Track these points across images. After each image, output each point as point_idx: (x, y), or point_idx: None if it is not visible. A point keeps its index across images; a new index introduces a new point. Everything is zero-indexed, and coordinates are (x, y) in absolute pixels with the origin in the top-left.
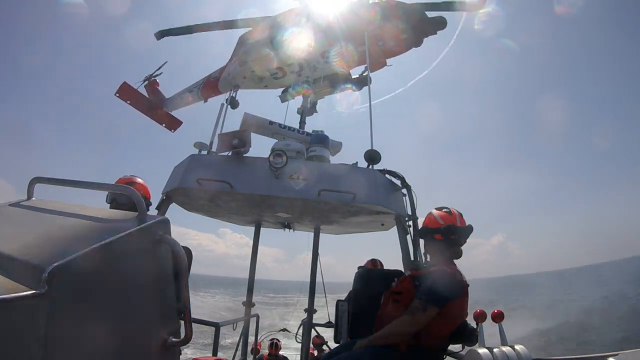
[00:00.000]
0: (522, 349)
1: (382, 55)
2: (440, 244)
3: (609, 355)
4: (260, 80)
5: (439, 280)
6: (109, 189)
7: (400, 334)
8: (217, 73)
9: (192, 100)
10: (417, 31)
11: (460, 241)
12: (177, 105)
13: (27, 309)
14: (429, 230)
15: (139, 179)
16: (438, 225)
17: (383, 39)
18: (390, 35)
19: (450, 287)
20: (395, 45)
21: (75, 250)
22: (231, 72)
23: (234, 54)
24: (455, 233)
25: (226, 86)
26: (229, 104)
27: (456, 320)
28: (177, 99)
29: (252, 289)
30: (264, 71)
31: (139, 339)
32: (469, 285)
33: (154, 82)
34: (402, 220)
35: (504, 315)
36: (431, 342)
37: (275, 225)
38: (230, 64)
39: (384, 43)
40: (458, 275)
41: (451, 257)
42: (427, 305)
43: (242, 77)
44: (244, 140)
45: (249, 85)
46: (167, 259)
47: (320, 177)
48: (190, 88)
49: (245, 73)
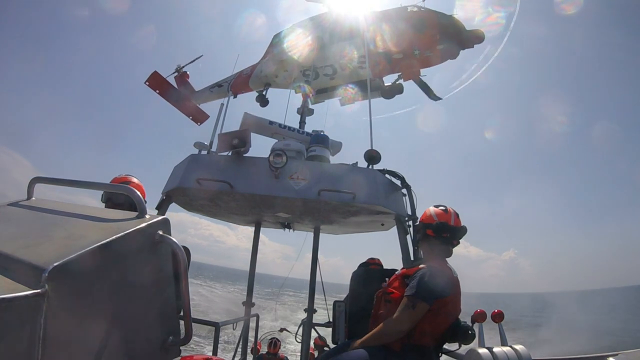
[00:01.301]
0: (522, 349)
1: (417, 64)
2: (431, 240)
3: (609, 355)
4: (292, 80)
5: (428, 277)
6: (108, 188)
7: (392, 332)
8: (249, 70)
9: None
10: (454, 43)
11: (452, 240)
12: (206, 99)
13: (27, 308)
14: (422, 226)
15: (134, 178)
16: (431, 222)
17: (419, 48)
18: (427, 45)
19: (440, 283)
20: (431, 55)
21: (75, 250)
22: (264, 70)
23: (267, 52)
24: (448, 231)
25: (257, 84)
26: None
27: (449, 318)
28: (206, 93)
29: (252, 289)
30: (297, 71)
31: (139, 338)
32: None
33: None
34: (402, 220)
35: (504, 315)
36: (425, 340)
37: (275, 225)
38: (263, 62)
39: (420, 53)
40: (447, 272)
41: (441, 254)
42: (416, 302)
43: (275, 76)
44: (244, 140)
45: (281, 84)
46: (167, 259)
47: (320, 177)
48: (220, 82)
49: (278, 72)
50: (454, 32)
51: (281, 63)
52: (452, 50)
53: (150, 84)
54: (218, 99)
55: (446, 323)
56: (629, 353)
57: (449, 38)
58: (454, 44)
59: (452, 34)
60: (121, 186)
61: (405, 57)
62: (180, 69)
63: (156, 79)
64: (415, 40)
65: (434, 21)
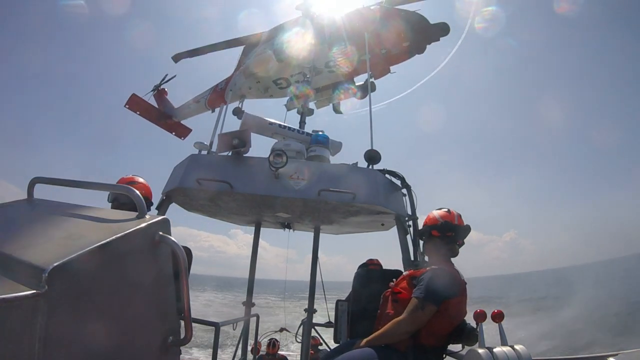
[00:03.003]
0: (522, 349)
1: (386, 62)
2: (437, 240)
3: (608, 355)
4: (265, 90)
5: (436, 279)
6: (109, 189)
7: (399, 333)
8: (223, 83)
9: (200, 110)
10: (419, 38)
11: (457, 239)
12: (185, 115)
13: (27, 308)
14: (427, 228)
15: (140, 178)
16: (435, 222)
17: (385, 46)
18: (393, 43)
19: (448, 285)
20: (398, 52)
21: (75, 250)
22: (237, 83)
23: (239, 64)
24: (453, 230)
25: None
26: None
27: (455, 320)
28: (185, 109)
29: (252, 289)
30: (269, 81)
31: (139, 338)
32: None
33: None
34: (402, 220)
35: (504, 315)
36: (430, 341)
37: (275, 225)
38: (236, 75)
39: (387, 51)
40: (456, 274)
41: (448, 254)
42: (425, 304)
43: (248, 88)
44: (244, 140)
45: (255, 95)
46: (167, 259)
47: (320, 177)
48: (197, 98)
49: (250, 83)
50: (419, 27)
51: (252, 75)
52: (418, 45)
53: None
54: (198, 113)
55: (452, 324)
56: (629, 353)
57: (414, 34)
58: (420, 39)
59: (416, 29)
60: (121, 186)
61: (373, 56)
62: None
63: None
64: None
65: (398, 19)
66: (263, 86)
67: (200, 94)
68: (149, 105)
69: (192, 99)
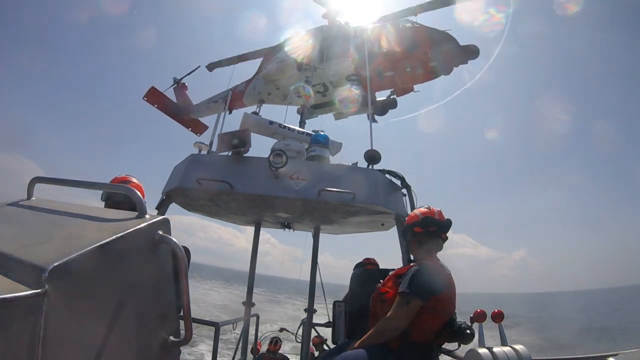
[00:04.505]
0: (522, 349)
1: (410, 81)
2: (421, 236)
3: (609, 355)
4: (284, 98)
5: (420, 274)
6: (108, 188)
7: (388, 330)
8: (243, 86)
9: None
10: (446, 59)
11: (440, 233)
12: (202, 113)
13: (27, 308)
14: (409, 226)
15: (134, 178)
16: (416, 219)
17: (411, 65)
18: (419, 63)
19: (433, 279)
20: (423, 72)
21: (75, 250)
22: (257, 87)
23: (260, 68)
24: (434, 225)
25: (251, 100)
26: None
27: (444, 315)
28: (202, 107)
29: (252, 289)
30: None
31: (139, 338)
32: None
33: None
34: (402, 220)
35: (504, 315)
36: (422, 338)
37: (275, 225)
38: (256, 79)
39: (412, 69)
40: (440, 269)
41: (433, 249)
42: (410, 299)
43: (267, 93)
44: (244, 140)
45: (274, 101)
46: (167, 259)
47: (320, 177)
48: (215, 98)
49: (270, 89)
50: (447, 49)
51: (272, 81)
52: (444, 67)
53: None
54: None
55: (442, 320)
56: (629, 353)
57: (441, 55)
58: (447, 60)
59: (444, 51)
60: (122, 186)
61: (397, 73)
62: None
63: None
64: (406, 57)
65: (426, 39)
66: (282, 93)
67: (218, 94)
68: (167, 99)
69: (209, 98)
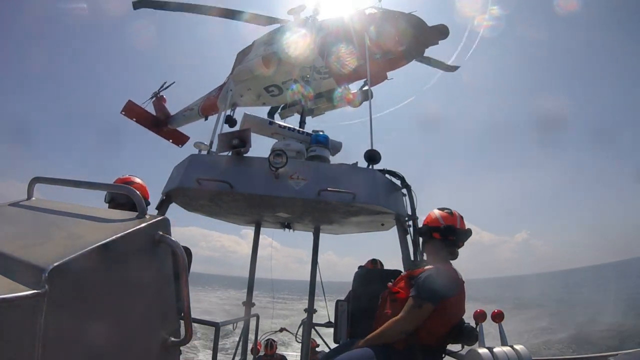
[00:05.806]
0: (522, 349)
1: (382, 68)
2: (438, 243)
3: (609, 355)
4: (257, 98)
5: (434, 278)
6: (109, 189)
7: (396, 332)
8: (217, 91)
9: (193, 118)
10: (416, 41)
11: (458, 243)
12: (180, 123)
13: (27, 308)
14: (428, 229)
15: (137, 178)
16: (438, 225)
17: (381, 51)
18: (388, 47)
19: (446, 284)
20: (394, 57)
21: (75, 250)
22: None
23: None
24: (454, 234)
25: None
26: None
27: (453, 319)
28: (179, 117)
29: (252, 289)
30: (260, 88)
31: (139, 339)
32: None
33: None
34: (402, 220)
35: (504, 315)
36: (429, 340)
37: (275, 225)
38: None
39: (382, 55)
40: (454, 273)
41: (448, 257)
42: (423, 303)
43: (239, 95)
44: (244, 140)
45: (247, 102)
46: (167, 259)
47: (320, 177)
48: (191, 106)
49: (241, 91)
50: (415, 30)
51: (244, 82)
52: (415, 49)
53: (126, 113)
54: (192, 121)
55: (450, 323)
56: (629, 353)
57: (410, 37)
58: (417, 42)
59: (413, 32)
60: (121, 186)
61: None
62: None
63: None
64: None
65: (393, 22)
66: (255, 93)
67: (194, 102)
68: (145, 112)
69: (185, 107)
